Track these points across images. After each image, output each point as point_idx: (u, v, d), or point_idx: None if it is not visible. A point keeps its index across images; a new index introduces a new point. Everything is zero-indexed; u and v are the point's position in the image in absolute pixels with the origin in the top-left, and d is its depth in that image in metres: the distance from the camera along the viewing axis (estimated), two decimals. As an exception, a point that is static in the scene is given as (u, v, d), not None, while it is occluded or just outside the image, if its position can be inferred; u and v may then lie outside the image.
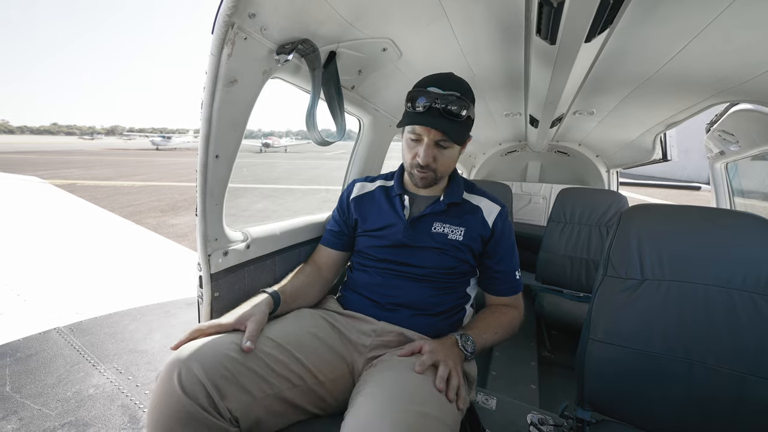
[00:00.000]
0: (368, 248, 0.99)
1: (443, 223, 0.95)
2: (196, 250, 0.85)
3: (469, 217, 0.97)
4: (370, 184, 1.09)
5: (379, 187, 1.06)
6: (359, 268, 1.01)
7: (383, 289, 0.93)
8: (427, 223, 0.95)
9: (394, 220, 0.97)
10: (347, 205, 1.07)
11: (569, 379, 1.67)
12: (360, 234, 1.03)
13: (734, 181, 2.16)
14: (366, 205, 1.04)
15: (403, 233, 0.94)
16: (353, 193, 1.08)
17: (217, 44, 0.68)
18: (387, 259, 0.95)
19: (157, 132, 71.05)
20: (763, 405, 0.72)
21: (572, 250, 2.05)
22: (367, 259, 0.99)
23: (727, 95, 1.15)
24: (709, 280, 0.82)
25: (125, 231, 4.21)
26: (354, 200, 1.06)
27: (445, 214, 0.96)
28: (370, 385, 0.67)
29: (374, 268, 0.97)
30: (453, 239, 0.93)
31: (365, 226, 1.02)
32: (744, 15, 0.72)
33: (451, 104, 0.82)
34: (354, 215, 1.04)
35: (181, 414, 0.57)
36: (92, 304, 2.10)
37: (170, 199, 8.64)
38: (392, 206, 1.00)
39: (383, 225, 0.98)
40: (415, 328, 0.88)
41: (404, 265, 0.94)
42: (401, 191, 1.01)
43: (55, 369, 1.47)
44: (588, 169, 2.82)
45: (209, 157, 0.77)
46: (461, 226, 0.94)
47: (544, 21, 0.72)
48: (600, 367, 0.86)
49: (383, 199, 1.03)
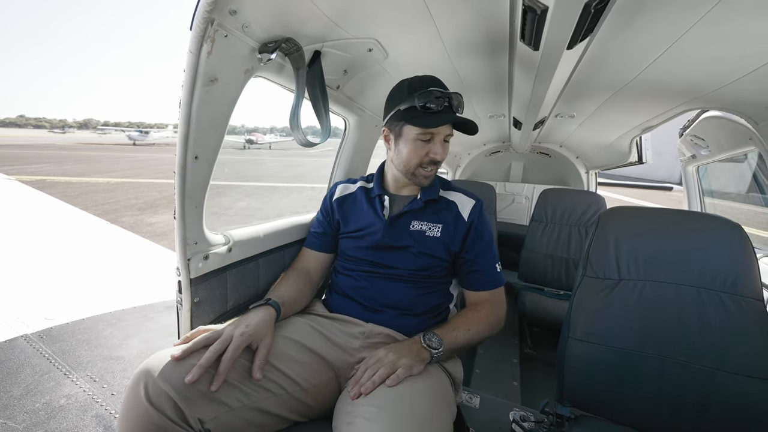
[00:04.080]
0: (350, 250, 0.98)
1: (420, 221, 0.95)
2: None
3: (445, 213, 0.97)
4: (351, 185, 1.09)
5: (360, 188, 1.06)
6: (343, 272, 1.00)
7: (367, 291, 0.93)
8: (406, 221, 0.95)
9: (374, 220, 0.97)
10: (330, 207, 1.06)
11: (550, 375, 1.72)
12: (342, 236, 1.03)
13: (704, 182, 2.28)
14: (348, 206, 1.04)
15: (382, 233, 0.94)
16: (336, 194, 1.08)
17: (195, 41, 0.66)
18: (368, 260, 0.95)
19: (134, 126, 68.31)
20: (729, 398, 0.76)
21: (553, 250, 2.10)
22: (350, 261, 0.98)
23: (698, 102, 1.21)
24: (680, 279, 0.86)
25: (100, 231, 4.03)
26: (337, 201, 1.06)
27: (423, 211, 0.96)
28: (366, 402, 0.65)
29: (357, 270, 0.96)
30: (430, 236, 0.93)
31: (347, 228, 1.01)
32: (714, 28, 0.75)
33: (459, 101, 0.88)
34: (337, 216, 1.04)
35: (149, 426, 0.56)
36: (63, 309, 2.00)
37: (148, 196, 8.32)
38: (372, 207, 1.00)
39: (363, 226, 0.98)
40: (402, 329, 0.89)
41: (386, 267, 0.93)
42: (381, 191, 1.01)
43: (23, 379, 1.39)
44: (569, 170, 2.91)
45: (188, 158, 0.74)
46: (438, 222, 0.95)
47: (528, 27, 0.73)
48: (579, 365, 0.89)
49: (364, 200, 1.03)
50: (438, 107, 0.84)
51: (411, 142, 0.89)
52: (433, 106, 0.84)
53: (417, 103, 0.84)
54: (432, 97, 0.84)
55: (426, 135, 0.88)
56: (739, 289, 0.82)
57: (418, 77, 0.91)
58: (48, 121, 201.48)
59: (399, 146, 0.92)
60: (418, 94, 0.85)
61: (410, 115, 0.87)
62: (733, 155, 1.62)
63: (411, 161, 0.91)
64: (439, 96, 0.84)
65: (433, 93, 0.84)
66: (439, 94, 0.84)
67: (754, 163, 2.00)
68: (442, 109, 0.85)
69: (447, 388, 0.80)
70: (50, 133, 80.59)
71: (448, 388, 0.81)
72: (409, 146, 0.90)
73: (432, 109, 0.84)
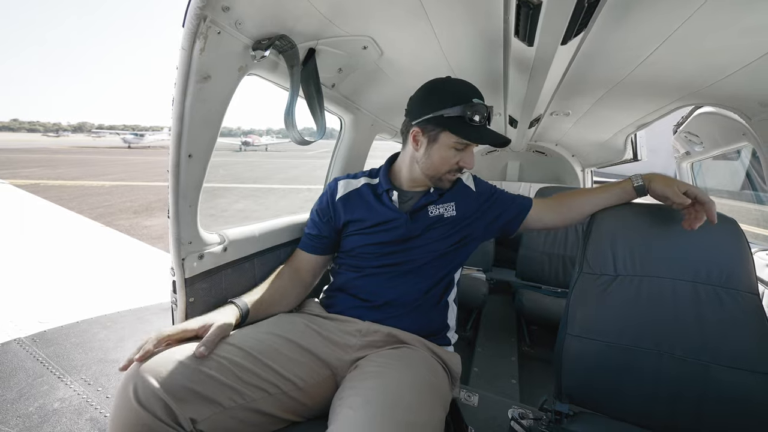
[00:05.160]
0: (362, 247, 0.97)
1: (436, 205, 0.98)
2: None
3: (454, 190, 1.00)
4: (354, 181, 1.05)
5: (365, 184, 1.03)
6: (347, 270, 0.98)
7: (375, 287, 0.93)
8: (425, 211, 0.97)
9: (393, 215, 0.96)
10: (332, 206, 1.02)
11: (548, 373, 1.72)
12: (350, 234, 0.99)
13: (698, 180, 2.29)
14: (355, 203, 1.00)
15: (406, 227, 0.94)
16: (339, 192, 1.02)
17: (188, 38, 0.65)
18: (384, 254, 0.94)
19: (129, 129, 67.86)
20: (725, 392, 0.77)
21: (550, 247, 2.11)
22: (359, 258, 0.97)
23: (692, 98, 1.22)
24: (676, 274, 0.86)
25: (95, 234, 4.00)
26: (342, 200, 1.01)
27: (437, 199, 0.99)
28: (353, 394, 0.66)
29: (367, 267, 0.95)
30: (448, 216, 0.96)
31: (358, 225, 0.98)
32: (706, 23, 0.76)
33: (491, 113, 0.90)
34: (343, 216, 0.99)
35: (138, 427, 0.56)
36: (57, 312, 1.98)
37: (144, 199, 8.27)
38: (382, 202, 0.99)
39: (380, 221, 0.96)
40: (402, 326, 0.88)
41: (402, 262, 0.94)
42: (389, 186, 0.99)
43: (16, 383, 1.37)
44: (565, 169, 2.92)
45: (182, 157, 0.74)
46: (449, 201, 0.98)
47: (522, 23, 0.73)
48: (577, 361, 0.89)
49: (371, 196, 1.00)
50: (482, 121, 0.86)
51: (446, 149, 0.89)
52: (478, 119, 0.85)
53: (467, 115, 0.85)
54: (481, 111, 0.85)
55: (461, 144, 0.89)
56: (734, 283, 0.82)
57: (458, 83, 0.91)
58: (41, 125, 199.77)
59: (430, 150, 0.91)
60: (468, 107, 0.85)
61: (455, 125, 0.86)
62: (726, 151, 1.63)
63: (441, 167, 0.92)
64: (484, 110, 0.86)
65: (481, 107, 0.86)
66: (485, 110, 0.86)
67: (747, 161, 2.01)
68: (483, 123, 0.87)
69: (441, 380, 0.80)
70: (44, 136, 79.92)
71: (443, 379, 0.81)
72: (443, 153, 0.90)
73: (476, 122, 0.85)
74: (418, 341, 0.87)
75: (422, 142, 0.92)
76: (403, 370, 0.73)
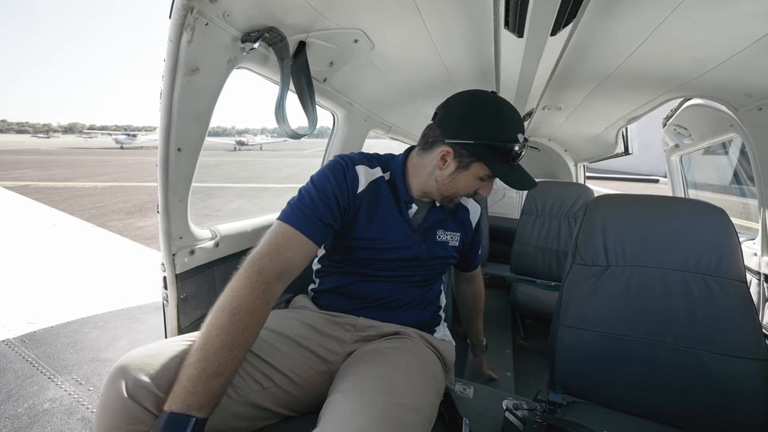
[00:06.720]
0: (370, 260, 0.87)
1: (445, 230, 0.94)
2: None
3: (460, 219, 0.99)
4: (372, 170, 0.87)
5: (382, 177, 0.88)
6: (347, 275, 0.91)
7: (373, 290, 0.90)
8: (433, 233, 0.92)
9: (407, 232, 0.88)
10: (352, 200, 0.83)
11: (543, 365, 1.74)
12: (361, 247, 0.86)
13: (687, 174, 2.32)
14: (373, 205, 0.86)
15: (417, 248, 0.89)
16: (360, 183, 0.84)
17: (175, 29, 0.64)
18: (394, 267, 0.89)
19: (121, 129, 66.97)
20: (715, 378, 0.78)
21: (544, 242, 2.12)
22: (364, 266, 0.88)
23: (680, 90, 1.23)
24: (666, 264, 0.87)
25: (87, 235, 3.94)
26: (362, 196, 0.84)
27: (444, 221, 0.95)
28: (344, 381, 0.66)
29: (371, 275, 0.89)
30: (452, 245, 0.96)
31: (367, 234, 0.84)
32: (691, 15, 0.76)
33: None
34: (360, 215, 0.84)
35: (127, 418, 0.55)
36: (47, 313, 1.95)
37: (137, 200, 8.17)
38: (402, 216, 0.87)
39: (397, 245, 0.87)
40: (397, 320, 0.88)
41: (407, 276, 0.91)
42: (408, 198, 0.89)
43: (4, 384, 1.35)
44: (557, 164, 2.95)
45: (170, 151, 0.73)
46: (456, 231, 0.97)
47: (512, 14, 0.73)
48: (570, 351, 0.90)
49: (390, 200, 0.87)
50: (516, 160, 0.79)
51: (473, 179, 0.82)
52: (515, 159, 0.78)
53: (511, 154, 0.77)
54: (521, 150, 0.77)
55: (489, 177, 0.83)
56: (722, 272, 0.83)
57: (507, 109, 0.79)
58: (31, 126, 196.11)
59: (457, 176, 0.82)
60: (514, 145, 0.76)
61: (494, 161, 0.78)
62: (714, 143, 1.65)
63: (460, 192, 0.85)
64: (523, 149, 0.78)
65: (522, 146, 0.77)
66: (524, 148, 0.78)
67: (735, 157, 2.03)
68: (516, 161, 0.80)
69: (434, 366, 0.80)
70: (34, 138, 78.48)
71: (436, 365, 0.81)
72: (468, 181, 0.82)
73: (515, 162, 0.79)
74: (412, 331, 0.87)
75: (450, 165, 0.81)
76: (394, 356, 0.73)
